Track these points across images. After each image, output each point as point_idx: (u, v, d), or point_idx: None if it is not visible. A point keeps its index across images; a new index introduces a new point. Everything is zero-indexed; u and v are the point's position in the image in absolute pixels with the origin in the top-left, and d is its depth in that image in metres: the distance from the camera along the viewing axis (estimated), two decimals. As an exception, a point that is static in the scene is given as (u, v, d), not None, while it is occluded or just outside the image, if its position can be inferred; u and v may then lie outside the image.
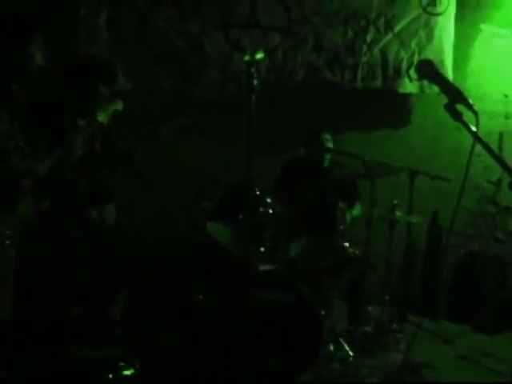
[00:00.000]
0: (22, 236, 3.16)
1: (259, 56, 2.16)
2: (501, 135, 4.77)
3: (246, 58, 2.14)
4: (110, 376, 3.36)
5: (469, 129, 1.99)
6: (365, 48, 4.77)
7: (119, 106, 3.33)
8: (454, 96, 2.03)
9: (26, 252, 3.21)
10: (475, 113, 2.00)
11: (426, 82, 4.58)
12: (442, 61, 4.68)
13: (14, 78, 3.01)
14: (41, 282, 3.27)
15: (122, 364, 3.44)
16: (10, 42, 2.96)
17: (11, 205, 2.96)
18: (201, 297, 3.94)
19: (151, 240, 4.89)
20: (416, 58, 4.73)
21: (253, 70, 2.14)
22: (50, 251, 3.25)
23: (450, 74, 4.67)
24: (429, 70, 2.14)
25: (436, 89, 2.17)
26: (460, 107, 2.04)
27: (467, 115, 2.04)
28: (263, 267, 3.48)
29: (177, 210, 4.83)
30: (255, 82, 2.15)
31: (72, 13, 4.40)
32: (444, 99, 2.09)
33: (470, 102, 2.02)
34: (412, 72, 4.72)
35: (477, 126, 1.99)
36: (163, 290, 4.51)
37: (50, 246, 3.24)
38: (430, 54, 4.70)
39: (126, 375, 3.41)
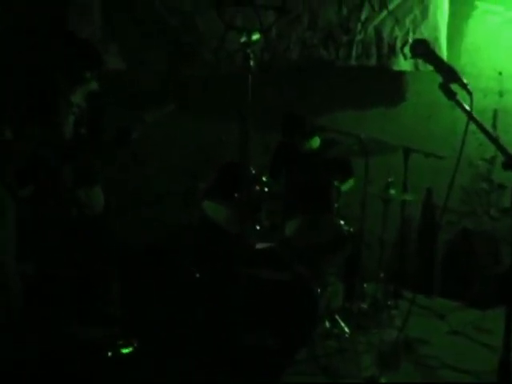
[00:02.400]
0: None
1: (255, 37, 2.16)
2: (495, 112, 4.78)
3: (243, 39, 2.14)
4: (109, 354, 3.41)
5: (463, 108, 2.01)
6: (359, 26, 4.73)
7: (93, 85, 3.29)
8: (449, 75, 2.05)
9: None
10: (469, 92, 2.02)
11: (420, 60, 4.57)
12: (436, 38, 4.65)
13: None
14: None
15: (120, 342, 3.49)
16: None
17: None
18: (198, 275, 3.98)
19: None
20: (411, 36, 4.70)
21: (249, 50, 2.14)
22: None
23: (444, 52, 4.66)
24: (423, 50, 2.15)
25: (430, 67, 2.18)
26: (454, 86, 2.06)
27: (461, 94, 2.06)
28: (259, 245, 3.51)
29: (172, 191, 4.84)
30: (252, 62, 2.15)
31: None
32: (438, 76, 2.11)
33: (464, 81, 2.03)
34: (407, 50, 4.71)
35: (471, 104, 2.01)
36: (158, 270, 4.54)
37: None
38: (424, 31, 4.67)
39: (125, 353, 3.46)
